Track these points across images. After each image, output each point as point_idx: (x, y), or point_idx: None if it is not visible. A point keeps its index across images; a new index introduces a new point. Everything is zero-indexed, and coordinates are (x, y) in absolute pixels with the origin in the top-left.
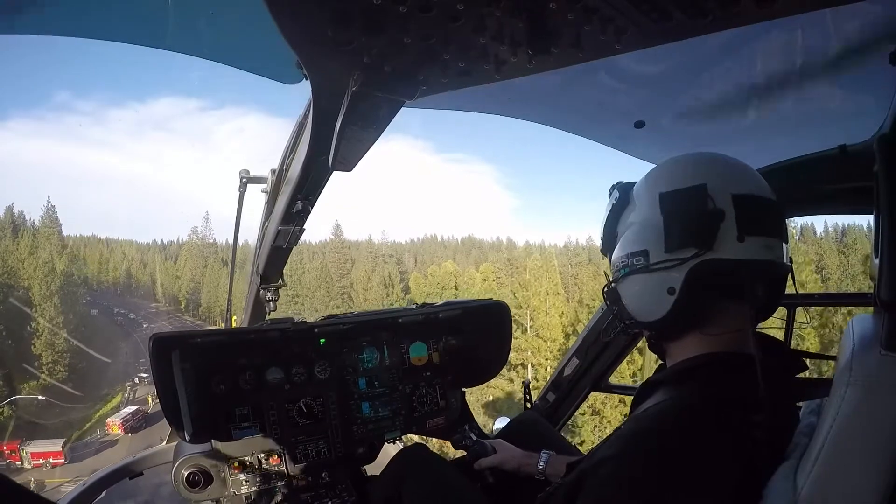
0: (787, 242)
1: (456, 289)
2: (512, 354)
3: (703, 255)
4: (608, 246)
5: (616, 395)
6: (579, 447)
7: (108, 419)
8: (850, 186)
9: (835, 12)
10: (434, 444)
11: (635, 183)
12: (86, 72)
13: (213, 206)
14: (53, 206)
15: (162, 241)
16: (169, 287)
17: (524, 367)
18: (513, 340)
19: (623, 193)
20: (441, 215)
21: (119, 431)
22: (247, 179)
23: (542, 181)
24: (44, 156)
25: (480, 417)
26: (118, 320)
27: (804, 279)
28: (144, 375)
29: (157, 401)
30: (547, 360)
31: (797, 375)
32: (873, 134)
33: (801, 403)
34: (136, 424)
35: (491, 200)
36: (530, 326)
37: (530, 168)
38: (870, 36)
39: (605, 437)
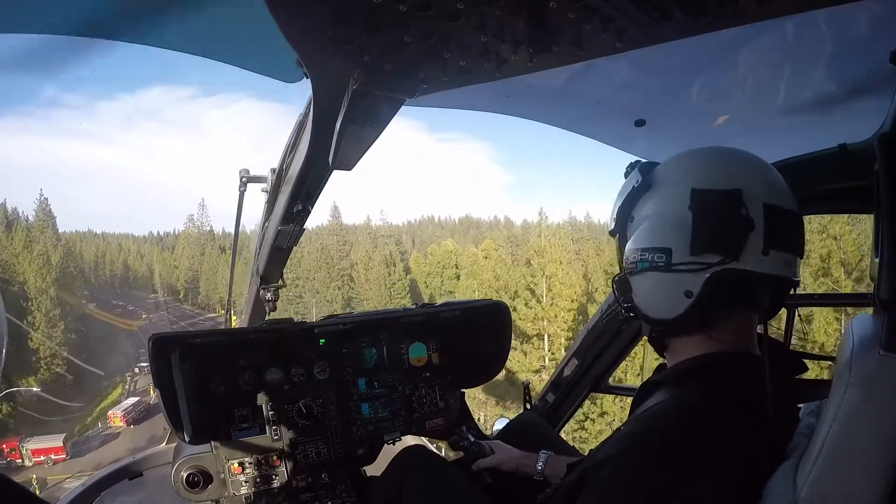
0: (801, 258)
1: (457, 267)
2: (527, 325)
3: (727, 264)
4: (621, 227)
5: (638, 359)
6: (601, 416)
7: (110, 412)
8: (851, 185)
9: (835, 12)
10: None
11: (656, 165)
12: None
13: (208, 193)
14: (46, 199)
15: (158, 232)
16: (167, 277)
17: (540, 337)
18: (529, 311)
19: (645, 176)
20: (437, 196)
21: (121, 424)
22: (247, 179)
23: (536, 155)
24: (34, 153)
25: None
26: (116, 312)
27: (838, 231)
28: (144, 365)
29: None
30: (562, 330)
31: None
32: (873, 133)
33: (800, 405)
34: (139, 416)
35: (486, 179)
36: (546, 293)
37: (523, 143)
38: (870, 36)
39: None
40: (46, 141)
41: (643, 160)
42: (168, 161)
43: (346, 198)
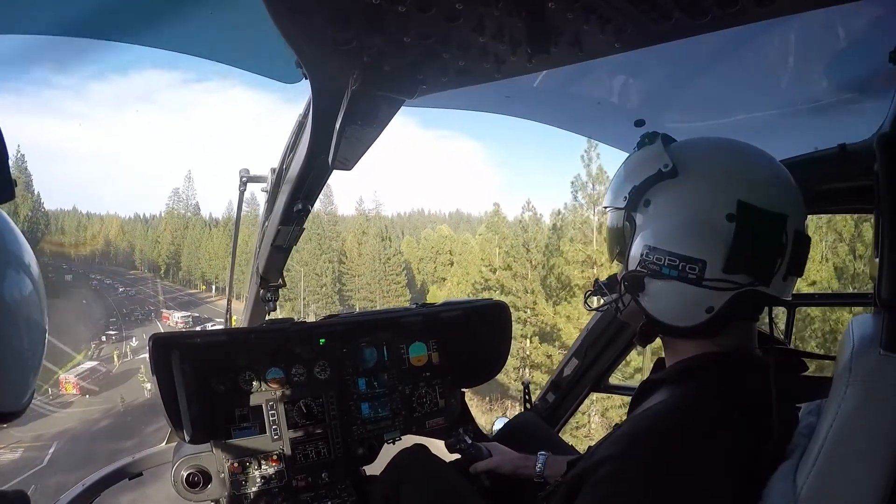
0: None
1: (451, 254)
2: (574, 272)
3: (755, 286)
4: (630, 207)
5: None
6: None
7: (62, 376)
8: (850, 186)
9: (835, 12)
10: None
11: (675, 144)
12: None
13: (195, 170)
14: (23, 156)
15: (144, 214)
16: (148, 253)
17: (580, 288)
18: (576, 252)
19: (672, 159)
20: (428, 190)
21: (74, 391)
22: (247, 179)
23: (529, 152)
24: (21, 131)
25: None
26: (93, 285)
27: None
28: (112, 333)
29: (123, 360)
30: None
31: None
32: (873, 133)
33: (799, 405)
34: (94, 385)
35: (478, 175)
36: (598, 233)
37: (517, 140)
38: (870, 36)
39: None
40: (35, 119)
41: (660, 132)
42: (158, 143)
43: (336, 189)
